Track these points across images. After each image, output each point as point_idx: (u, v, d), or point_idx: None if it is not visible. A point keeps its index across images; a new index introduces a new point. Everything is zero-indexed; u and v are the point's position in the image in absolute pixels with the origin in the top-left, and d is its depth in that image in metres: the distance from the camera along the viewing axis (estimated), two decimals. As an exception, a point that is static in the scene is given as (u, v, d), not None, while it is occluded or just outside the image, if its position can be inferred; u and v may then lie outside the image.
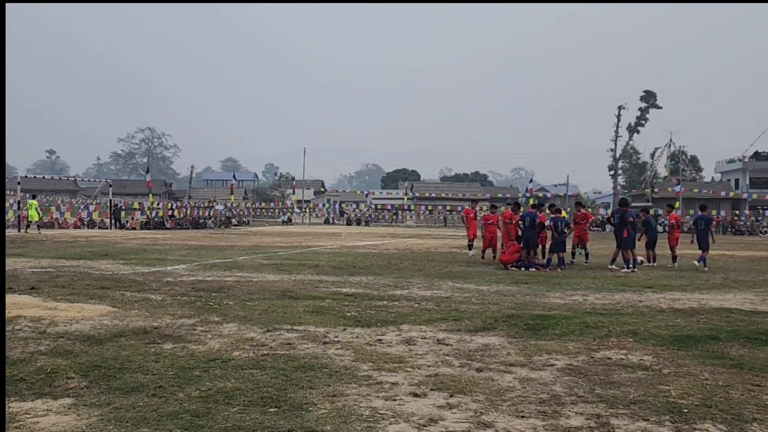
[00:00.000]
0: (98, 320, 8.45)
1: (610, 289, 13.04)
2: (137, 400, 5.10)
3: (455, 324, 8.65)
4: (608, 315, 9.59)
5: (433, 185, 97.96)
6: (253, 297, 10.82)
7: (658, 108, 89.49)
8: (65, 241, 27.39)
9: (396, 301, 10.69)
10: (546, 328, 8.42)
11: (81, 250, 21.71)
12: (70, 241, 27.38)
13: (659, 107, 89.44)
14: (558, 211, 18.25)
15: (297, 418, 4.73)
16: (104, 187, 57.65)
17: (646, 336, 7.98)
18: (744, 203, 71.43)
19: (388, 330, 8.19)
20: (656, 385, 5.78)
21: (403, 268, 17.04)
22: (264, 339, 7.46)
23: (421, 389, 5.54)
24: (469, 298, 11.21)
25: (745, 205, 70.48)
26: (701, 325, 8.88)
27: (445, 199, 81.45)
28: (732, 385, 5.83)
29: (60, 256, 19.19)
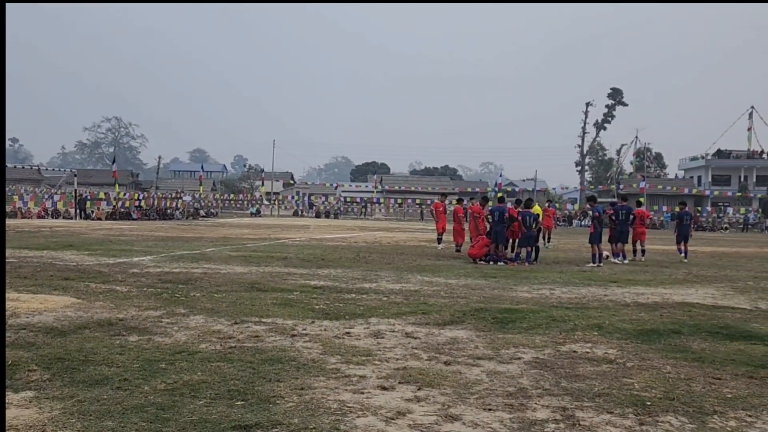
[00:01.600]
0: (62, 312, 8.31)
1: (576, 283, 13.17)
2: (101, 393, 5.02)
3: (424, 317, 8.67)
4: (574, 309, 9.69)
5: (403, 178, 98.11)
6: (220, 289, 10.74)
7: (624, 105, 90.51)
8: (28, 231, 26.91)
9: (364, 294, 10.69)
10: (513, 321, 8.48)
11: (44, 241, 21.35)
12: (33, 232, 26.91)
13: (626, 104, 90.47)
14: (529, 205, 18.27)
15: (264, 411, 4.70)
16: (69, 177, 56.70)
17: (610, 330, 8.08)
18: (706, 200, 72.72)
19: (357, 323, 8.19)
20: (620, 378, 5.85)
21: (372, 261, 17.04)
22: (231, 331, 7.41)
23: (389, 382, 5.54)
24: (438, 292, 11.25)
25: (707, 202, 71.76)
26: (664, 319, 9.01)
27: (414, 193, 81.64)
28: (693, 378, 5.93)
29: (23, 246, 18.85)
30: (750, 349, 7.17)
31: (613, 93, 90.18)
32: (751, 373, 6.15)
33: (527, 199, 19.79)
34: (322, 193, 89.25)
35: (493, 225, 17.76)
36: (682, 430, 4.59)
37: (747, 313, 9.81)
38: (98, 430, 4.26)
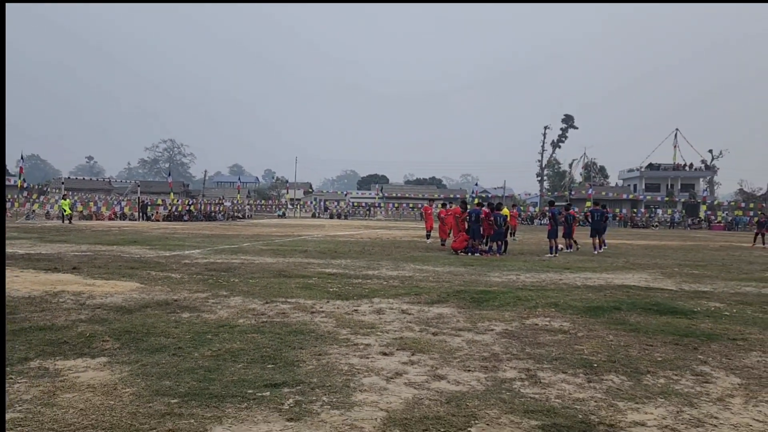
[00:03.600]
0: (128, 294, 8.32)
1: (537, 270, 13.16)
2: (160, 358, 5.03)
3: (416, 298, 8.67)
4: (536, 290, 9.68)
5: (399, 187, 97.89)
6: (254, 276, 10.73)
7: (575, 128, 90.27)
8: (101, 231, 26.90)
9: (369, 280, 10.68)
10: (487, 300, 8.48)
11: (114, 238, 21.34)
12: (105, 231, 26.89)
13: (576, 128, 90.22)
14: (499, 208, 18.27)
15: (290, 372, 4.71)
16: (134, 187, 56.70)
17: (565, 307, 8.07)
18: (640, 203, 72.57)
19: (363, 302, 8.19)
20: (573, 345, 5.85)
21: (374, 253, 17.03)
22: (263, 309, 7.41)
23: (389, 349, 5.55)
24: (427, 277, 11.24)
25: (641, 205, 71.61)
26: (607, 298, 9.00)
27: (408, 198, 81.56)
28: (631, 345, 5.93)
29: (97, 242, 18.84)
30: (676, 322, 7.17)
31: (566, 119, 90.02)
32: (677, 341, 6.16)
33: (497, 203, 19.77)
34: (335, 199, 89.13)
35: (471, 224, 17.75)
36: (622, 386, 4.60)
37: (673, 293, 9.80)
38: (158, 388, 4.27)
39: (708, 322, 7.27)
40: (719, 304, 8.68)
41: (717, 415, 4.05)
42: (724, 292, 10.09)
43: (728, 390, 4.60)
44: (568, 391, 4.46)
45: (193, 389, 4.25)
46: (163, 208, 48.73)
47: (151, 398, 4.07)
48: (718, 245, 26.68)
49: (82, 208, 44.90)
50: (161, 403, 3.99)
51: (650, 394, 4.41)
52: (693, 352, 5.71)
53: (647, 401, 4.27)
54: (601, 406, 4.14)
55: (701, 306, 8.47)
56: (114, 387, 4.29)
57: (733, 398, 4.40)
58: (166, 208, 48.57)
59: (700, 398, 4.38)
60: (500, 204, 19.32)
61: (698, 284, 11.18)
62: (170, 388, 4.26)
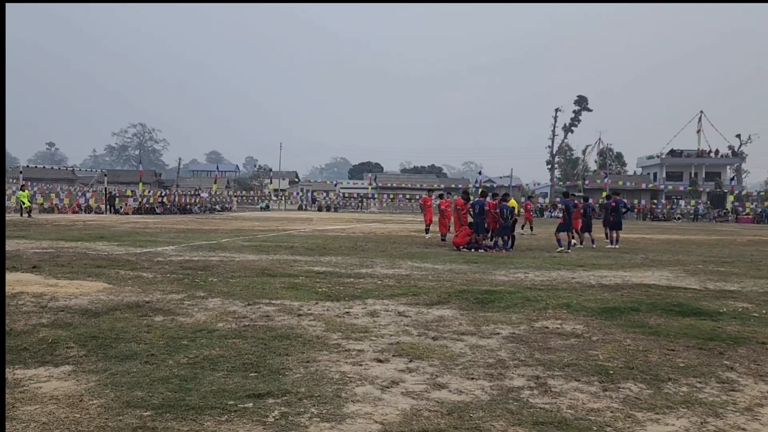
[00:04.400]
0: (95, 296, 8.30)
1: (548, 267, 13.21)
2: (131, 366, 5.02)
3: (414, 298, 8.69)
4: (546, 290, 9.72)
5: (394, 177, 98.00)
6: (235, 275, 10.73)
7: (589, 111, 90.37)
8: (64, 225, 26.80)
9: (361, 279, 10.70)
10: (493, 301, 8.51)
11: (79, 233, 21.27)
12: (68, 225, 26.80)
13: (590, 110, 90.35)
14: (506, 199, 18.28)
15: (275, 381, 4.72)
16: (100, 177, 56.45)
17: (578, 308, 8.11)
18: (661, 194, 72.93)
19: (355, 304, 8.20)
20: (586, 350, 5.88)
21: (368, 249, 17.04)
22: (245, 312, 7.41)
23: (384, 355, 5.56)
24: (426, 276, 11.26)
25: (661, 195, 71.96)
26: (625, 298, 9.05)
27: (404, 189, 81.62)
28: (650, 350, 5.96)
29: (60, 238, 18.77)
30: (699, 324, 7.21)
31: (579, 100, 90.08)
32: (701, 345, 6.20)
33: (504, 193, 19.78)
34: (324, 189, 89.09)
35: (475, 217, 17.78)
36: (641, 394, 4.63)
37: (697, 293, 9.86)
38: (129, 399, 4.27)
39: (735, 324, 7.32)
40: (747, 305, 8.73)
41: (744, 427, 4.08)
42: (752, 292, 10.15)
43: (757, 399, 4.63)
44: (582, 400, 4.48)
45: (168, 400, 4.25)
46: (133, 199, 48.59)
47: (121, 411, 4.07)
48: (746, 239, 26.83)
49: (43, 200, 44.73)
50: (132, 416, 3.99)
51: (672, 404, 4.44)
52: (718, 358, 5.75)
53: (668, 411, 4.30)
54: (618, 417, 4.17)
55: (728, 307, 8.52)
56: (80, 398, 4.29)
57: (762, 408, 4.44)
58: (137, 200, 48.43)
59: (727, 408, 4.41)
60: (507, 194, 19.34)
61: (724, 283, 11.25)
62: (142, 400, 4.26)
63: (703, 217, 62.20)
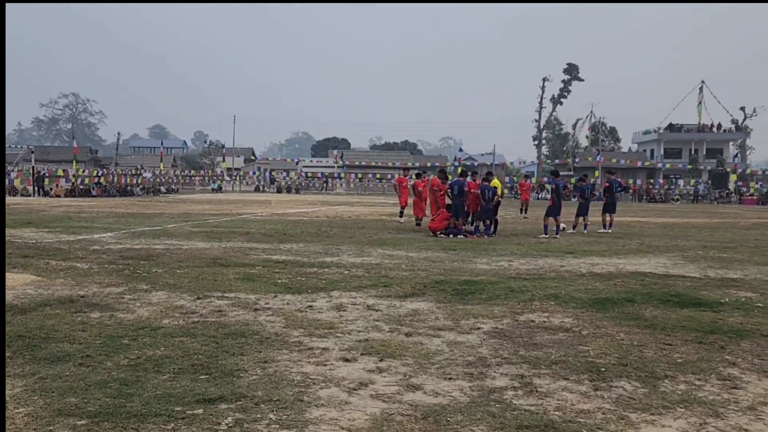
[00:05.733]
0: (21, 290, 8.15)
1: (534, 255, 13.34)
2: (63, 369, 4.95)
3: (385, 290, 8.71)
4: (532, 280, 9.82)
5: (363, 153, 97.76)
6: (182, 265, 10.63)
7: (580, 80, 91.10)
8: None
9: (326, 268, 10.69)
10: (473, 293, 8.57)
11: (2, 218, 20.82)
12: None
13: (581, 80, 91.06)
14: (488, 179, 18.31)
15: (228, 384, 4.69)
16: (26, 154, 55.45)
17: (567, 299, 8.21)
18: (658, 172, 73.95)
19: (319, 296, 8.19)
20: (576, 346, 5.96)
21: (333, 235, 17.02)
22: (194, 306, 7.36)
23: (352, 354, 5.57)
24: (399, 265, 11.29)
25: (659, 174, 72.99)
26: (618, 288, 9.19)
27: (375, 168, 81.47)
28: (646, 344, 6.07)
29: (-21, 224, 18.36)
30: (699, 316, 7.36)
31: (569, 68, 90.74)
32: (700, 338, 6.32)
33: (486, 172, 19.89)
34: (284, 168, 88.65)
35: (453, 199, 17.84)
36: (635, 394, 4.71)
37: (696, 282, 10.05)
38: (61, 407, 4.21)
39: (737, 315, 7.48)
40: (751, 294, 8.94)
41: (747, 427, 4.18)
42: (756, 280, 10.39)
43: (761, 397, 4.75)
44: (571, 401, 4.54)
45: (106, 407, 4.20)
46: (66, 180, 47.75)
47: (51, 420, 4.01)
48: (751, 223, 27.42)
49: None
50: (65, 425, 3.94)
51: (669, 404, 4.53)
52: (719, 352, 5.88)
53: (665, 412, 4.38)
54: (610, 419, 4.23)
55: (729, 296, 8.71)
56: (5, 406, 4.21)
57: (766, 406, 4.55)
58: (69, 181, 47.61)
59: (728, 407, 4.51)
60: (489, 173, 19.43)
61: (726, 270, 11.49)
62: (76, 407, 4.20)
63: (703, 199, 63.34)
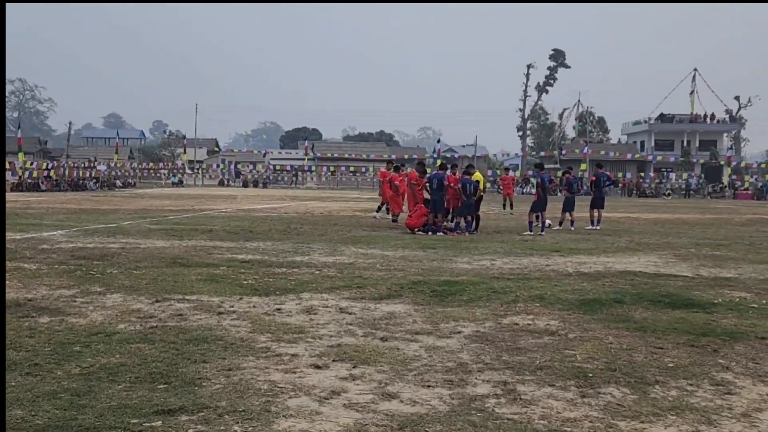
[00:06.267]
0: (-38, 293, 8.02)
1: (518, 253, 13.42)
2: (9, 379, 4.88)
3: (359, 291, 8.71)
4: (515, 280, 9.88)
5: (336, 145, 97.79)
6: (140, 265, 10.54)
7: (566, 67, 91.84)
8: None
9: (296, 268, 10.67)
10: (453, 294, 8.60)
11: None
12: (-72, 205, 25.81)
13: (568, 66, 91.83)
14: (469, 172, 18.31)
15: (189, 394, 4.66)
16: (-32, 145, 54.57)
17: (552, 300, 8.27)
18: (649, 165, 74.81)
19: (288, 299, 8.17)
20: (562, 350, 6.01)
21: (304, 232, 16.99)
22: (152, 310, 7.30)
23: (323, 360, 5.56)
24: (374, 264, 11.30)
25: (650, 168, 73.84)
26: (606, 288, 9.28)
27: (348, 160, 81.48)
28: (635, 348, 6.13)
29: None
30: (691, 318, 7.45)
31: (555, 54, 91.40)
32: (693, 341, 6.40)
33: (467, 165, 19.97)
34: (250, 161, 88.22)
35: (432, 193, 17.87)
36: (624, 401, 4.75)
37: (689, 281, 10.18)
38: (6, 421, 4.14)
39: (731, 316, 7.59)
40: (745, 294, 9.07)
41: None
42: (751, 279, 10.55)
43: (755, 402, 4.81)
44: (556, 409, 4.57)
45: (56, 420, 4.15)
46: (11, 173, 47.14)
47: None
48: (745, 219, 27.85)
49: None
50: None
51: (659, 410, 4.58)
52: (712, 356, 5.95)
53: (655, 419, 4.42)
54: (598, 427, 4.27)
55: (723, 297, 8.84)
56: (-57, 421, 4.15)
57: (761, 413, 4.61)
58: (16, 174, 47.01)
59: (721, 414, 4.57)
60: (470, 166, 19.52)
61: (720, 269, 11.65)
62: (23, 420, 4.15)
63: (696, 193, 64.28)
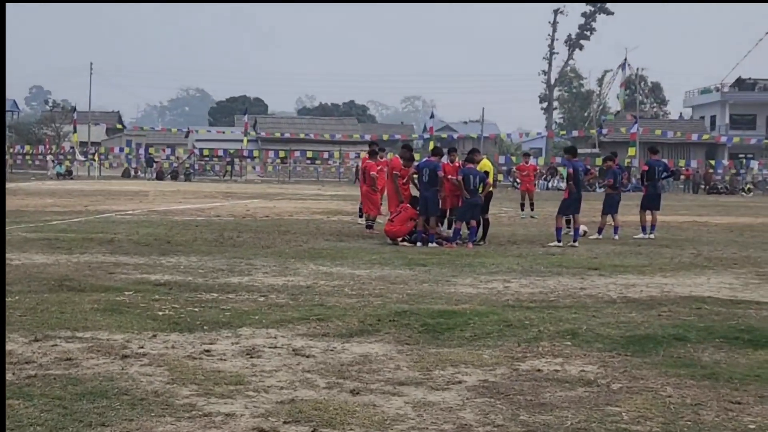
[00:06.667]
0: None
1: (542, 272, 13.43)
2: None
3: (320, 326, 8.67)
4: (538, 309, 9.87)
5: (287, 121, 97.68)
6: (11, 290, 10.44)
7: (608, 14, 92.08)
8: None
9: (231, 293, 10.62)
10: (451, 329, 8.57)
11: None
12: None
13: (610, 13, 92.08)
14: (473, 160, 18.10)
15: (82, 471, 4.63)
16: None
17: (589, 338, 8.27)
18: (722, 150, 75.03)
19: (221, 336, 8.13)
20: (603, 407, 6.01)
21: (243, 243, 16.93)
22: (29, 353, 7.24)
23: (270, 423, 5.54)
24: (341, 288, 11.28)
25: (723, 153, 74.03)
26: (664, 320, 9.29)
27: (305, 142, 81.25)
28: (704, 403, 6.14)
29: None
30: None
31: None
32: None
33: (471, 150, 19.87)
34: (167, 143, 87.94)
35: (422, 189, 17.78)
36: (688, 476, 4.78)
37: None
38: None
39: (835, 359, 7.64)
40: None
41: None
42: None
43: None
44: (595, 488, 4.59)
45: None
46: None
47: None
48: None
49: None
50: None
51: (736, 490, 4.60)
52: (809, 414, 5.99)
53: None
54: None
55: (824, 332, 8.89)
56: None
57: None
58: None
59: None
60: (475, 151, 19.42)
61: (819, 293, 11.72)
62: None
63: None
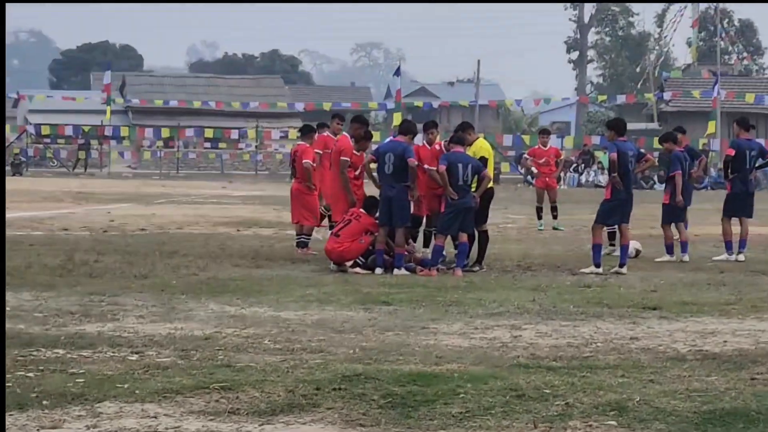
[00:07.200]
0: None
1: (570, 312, 13.48)
2: None
3: (226, 399, 8.64)
4: (566, 371, 9.86)
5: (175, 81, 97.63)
6: None
7: None
8: None
9: (87, 349, 10.60)
10: (431, 402, 8.54)
11: None
12: None
13: None
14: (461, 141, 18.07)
15: None
16: None
17: (645, 414, 8.27)
18: None
19: (69, 415, 8.09)
20: None
21: (105, 272, 16.94)
22: None
23: None
24: (259, 340, 11.29)
25: None
26: (760, 386, 9.35)
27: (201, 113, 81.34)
28: None
29: None
30: None
31: None
32: None
33: (460, 124, 19.95)
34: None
35: (385, 185, 17.81)
36: None
37: None
38: None
39: None
40: None
41: None
42: None
43: None
44: None
45: None
46: None
47: None
48: None
49: None
50: None
51: None
52: None
53: None
54: None
55: None
56: None
57: None
58: None
59: None
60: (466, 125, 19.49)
61: None
62: None
63: None
